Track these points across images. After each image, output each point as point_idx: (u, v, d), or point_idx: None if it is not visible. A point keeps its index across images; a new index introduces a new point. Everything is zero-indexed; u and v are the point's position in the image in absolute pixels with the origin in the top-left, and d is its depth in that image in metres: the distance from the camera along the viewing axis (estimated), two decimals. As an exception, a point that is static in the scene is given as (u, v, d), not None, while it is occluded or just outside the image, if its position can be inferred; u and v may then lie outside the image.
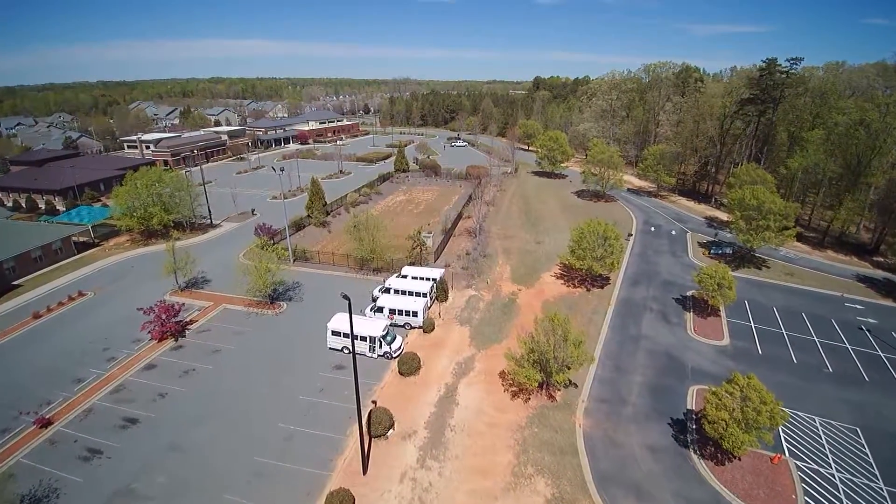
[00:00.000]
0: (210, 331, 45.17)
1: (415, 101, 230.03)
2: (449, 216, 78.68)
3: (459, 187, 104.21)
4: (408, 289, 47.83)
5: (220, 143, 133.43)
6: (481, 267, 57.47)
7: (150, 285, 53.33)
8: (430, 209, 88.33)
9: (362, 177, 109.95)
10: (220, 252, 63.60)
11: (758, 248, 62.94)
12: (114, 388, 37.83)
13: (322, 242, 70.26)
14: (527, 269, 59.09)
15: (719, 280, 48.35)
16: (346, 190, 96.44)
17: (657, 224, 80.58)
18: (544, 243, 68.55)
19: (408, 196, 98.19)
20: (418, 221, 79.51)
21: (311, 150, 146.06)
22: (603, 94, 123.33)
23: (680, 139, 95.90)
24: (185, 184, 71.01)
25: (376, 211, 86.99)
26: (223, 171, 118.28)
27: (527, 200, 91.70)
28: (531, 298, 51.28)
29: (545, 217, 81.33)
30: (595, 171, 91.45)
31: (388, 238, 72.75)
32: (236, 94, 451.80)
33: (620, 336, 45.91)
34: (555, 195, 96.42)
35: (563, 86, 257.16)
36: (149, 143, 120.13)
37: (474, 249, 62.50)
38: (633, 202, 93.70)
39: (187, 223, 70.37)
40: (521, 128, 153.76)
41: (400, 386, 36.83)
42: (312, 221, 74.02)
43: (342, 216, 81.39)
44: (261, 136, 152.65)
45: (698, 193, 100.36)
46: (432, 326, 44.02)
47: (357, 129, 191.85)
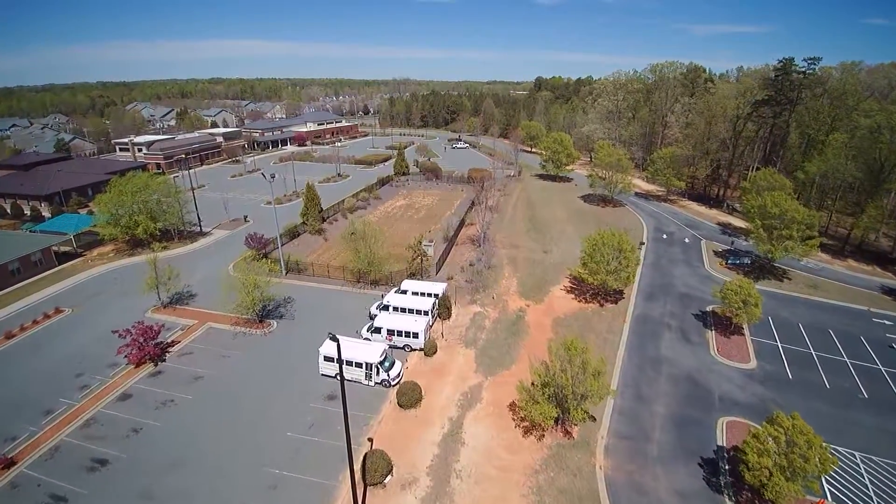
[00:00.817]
0: (193, 354, 41.56)
1: (415, 101, 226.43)
2: (451, 223, 75.12)
3: (461, 191, 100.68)
4: (408, 306, 44.25)
5: (214, 145, 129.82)
6: (486, 280, 53.88)
7: (132, 300, 49.72)
8: (431, 215, 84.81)
9: (361, 180, 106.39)
10: (209, 263, 60.01)
11: (780, 259, 59.34)
12: (84, 422, 34.26)
13: (318, 251, 66.73)
14: (535, 281, 55.48)
15: (745, 297, 44.75)
16: (343, 194, 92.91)
17: (669, 231, 76.98)
18: (552, 252, 64.94)
19: (408, 201, 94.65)
20: (419, 228, 75.96)
21: (308, 152, 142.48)
22: (608, 95, 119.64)
23: (690, 141, 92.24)
24: (173, 190, 67.42)
25: (375, 217, 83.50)
26: (217, 174, 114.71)
27: (532, 205, 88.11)
28: (541, 315, 47.64)
29: (552, 224, 77.73)
30: (602, 174, 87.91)
31: (388, 247, 69.17)
32: (235, 95, 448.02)
33: (639, 358, 42.30)
34: (561, 200, 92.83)
35: (566, 86, 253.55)
36: (141, 145, 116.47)
37: (478, 260, 58.93)
38: (642, 207, 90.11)
39: (175, 232, 66.76)
40: (524, 129, 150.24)
41: (399, 421, 33.22)
42: (308, 229, 70.46)
43: (339, 223, 77.88)
44: (257, 138, 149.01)
45: (709, 198, 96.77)
46: (434, 349, 40.43)
47: (356, 131, 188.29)
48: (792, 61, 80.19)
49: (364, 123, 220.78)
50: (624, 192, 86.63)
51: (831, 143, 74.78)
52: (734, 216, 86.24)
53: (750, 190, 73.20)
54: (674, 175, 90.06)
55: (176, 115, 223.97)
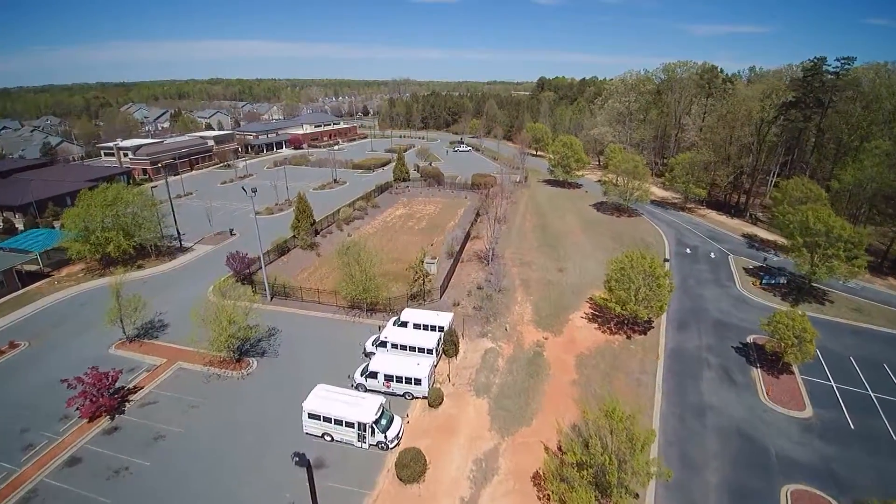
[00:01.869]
0: (157, 403, 35.49)
1: (415, 102, 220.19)
2: (455, 236, 69.07)
3: (465, 199, 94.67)
4: (408, 343, 38.23)
5: (205, 149, 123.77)
6: (497, 306, 47.81)
7: (96, 333, 43.64)
8: (434, 225, 78.83)
9: (358, 186, 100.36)
10: (187, 285, 53.95)
11: (823, 280, 53.29)
12: (22, 498, 28.27)
13: (309, 269, 60.76)
14: (551, 307, 49.40)
15: (799, 331, 38.75)
16: (339, 202, 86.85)
17: (692, 244, 70.89)
18: (568, 271, 58.88)
19: (408, 209, 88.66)
20: (420, 241, 70.02)
21: (304, 155, 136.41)
22: (619, 96, 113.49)
23: (710, 146, 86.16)
24: (150, 201, 61.39)
25: (373, 228, 77.53)
26: (207, 180, 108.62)
27: (542, 215, 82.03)
28: (561, 351, 41.57)
29: (565, 236, 71.66)
30: (617, 181, 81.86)
31: (386, 263, 63.22)
32: (233, 96, 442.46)
33: (679, 406, 36.27)
34: (572, 209, 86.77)
35: (569, 86, 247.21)
36: (126, 150, 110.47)
37: (487, 282, 52.88)
38: (658, 217, 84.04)
39: (152, 248, 60.70)
40: (529, 131, 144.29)
41: (399, 501, 27.13)
42: (299, 243, 64.42)
43: (334, 235, 71.85)
44: (251, 142, 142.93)
45: (729, 206, 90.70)
46: (440, 398, 34.36)
47: (355, 133, 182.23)
48: (824, 61, 74.14)
49: (363, 125, 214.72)
50: (640, 201, 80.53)
51: (868, 150, 68.78)
52: (759, 227, 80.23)
53: (781, 200, 67.17)
54: (693, 182, 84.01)
55: (170, 116, 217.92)
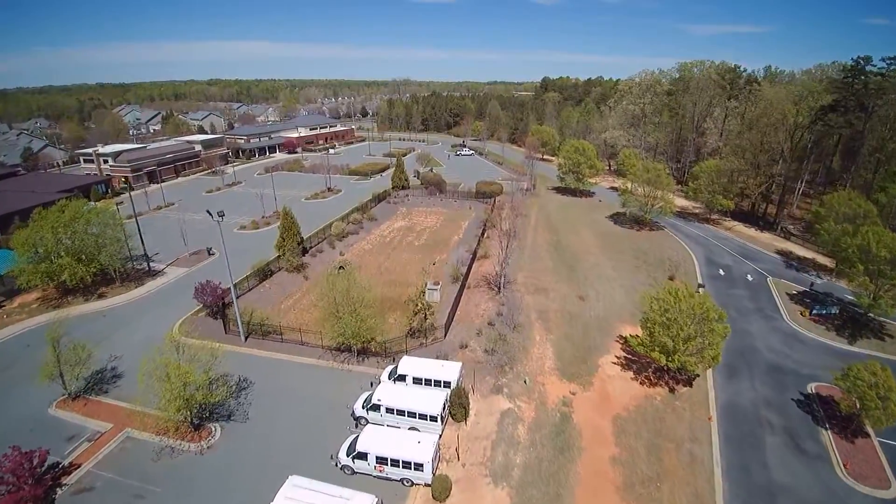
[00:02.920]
0: (93, 491, 28.24)
1: (415, 103, 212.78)
2: (460, 255, 61.94)
3: (469, 209, 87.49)
4: (407, 408, 31.06)
5: (192, 154, 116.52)
6: (512, 348, 40.58)
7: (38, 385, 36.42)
8: (436, 240, 71.64)
9: (354, 195, 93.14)
10: (150, 320, 46.70)
11: (891, 315, 46.09)
12: None
13: (296, 295, 53.64)
14: (576, 348, 42.19)
15: (884, 391, 31.59)
16: (332, 214, 79.79)
17: (724, 264, 63.67)
18: (590, 299, 51.65)
19: (407, 221, 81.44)
20: (420, 259, 62.97)
21: (298, 160, 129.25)
22: (633, 98, 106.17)
23: (737, 153, 78.91)
24: (116, 219, 54.19)
25: (369, 244, 70.32)
26: (192, 188, 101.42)
27: (554, 229, 74.79)
28: (594, 412, 34.32)
29: (582, 255, 64.41)
30: (638, 190, 74.60)
31: (384, 285, 56.13)
32: (231, 97, 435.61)
33: (745, 490, 29.06)
34: (587, 221, 79.53)
35: (574, 87, 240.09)
36: (107, 156, 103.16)
37: (499, 315, 45.66)
38: (682, 230, 76.80)
39: (117, 273, 53.47)
40: (535, 134, 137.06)
41: None
42: (284, 265, 57.25)
43: (325, 253, 64.68)
44: (242, 146, 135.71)
45: (757, 217, 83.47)
46: (447, 489, 27.07)
47: (352, 136, 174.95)
48: (868, 60, 66.92)
49: (361, 127, 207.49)
50: (663, 214, 73.25)
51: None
52: (793, 242, 73.06)
53: (826, 216, 60.01)
54: (720, 192, 76.75)
55: (161, 118, 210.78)
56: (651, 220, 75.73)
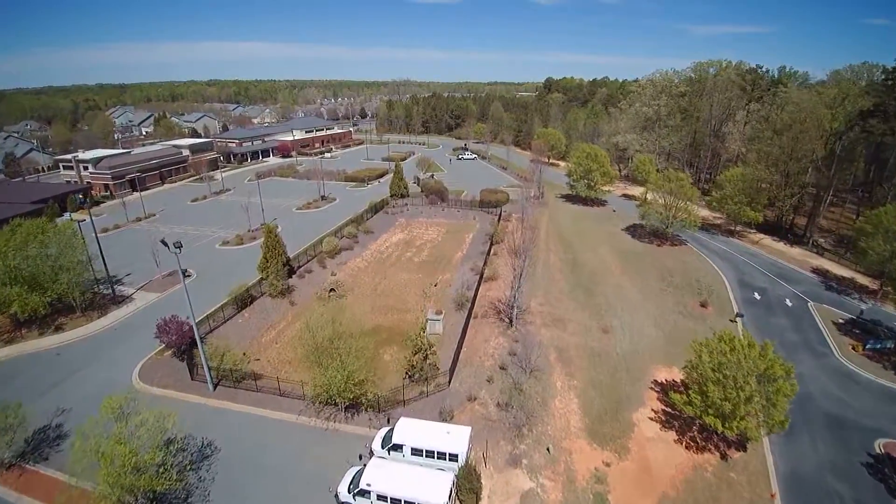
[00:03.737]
0: None
1: (415, 104, 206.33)
2: (464, 277, 55.65)
3: (473, 220, 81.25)
4: (405, 497, 24.72)
5: (179, 159, 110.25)
6: (529, 401, 34.26)
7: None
8: (437, 257, 65.45)
9: (350, 204, 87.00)
10: (109, 360, 40.36)
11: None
12: None
13: (279, 325, 47.44)
14: (604, 398, 35.85)
15: None
16: (325, 226, 73.55)
17: (758, 285, 57.34)
18: (615, 332, 45.32)
19: (407, 234, 75.19)
20: (421, 279, 56.86)
21: (292, 165, 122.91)
22: (648, 99, 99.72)
23: (765, 160, 72.58)
24: (77, 239, 47.89)
25: (364, 262, 64.06)
26: (178, 196, 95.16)
27: (568, 244, 68.45)
28: (635, 491, 27.92)
29: (601, 276, 58.06)
30: (659, 201, 68.30)
31: (379, 312, 49.95)
32: (229, 98, 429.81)
33: None
34: (602, 235, 73.16)
35: (579, 88, 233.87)
36: (86, 163, 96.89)
37: (512, 356, 39.35)
38: (706, 245, 70.46)
39: (77, 302, 47.10)
40: (540, 137, 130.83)
41: None
42: (267, 290, 50.95)
43: (315, 273, 58.38)
44: (234, 150, 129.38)
45: (783, 230, 77.09)
46: None
47: (350, 139, 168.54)
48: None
49: (360, 129, 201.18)
50: (687, 228, 66.85)
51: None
52: (827, 259, 66.76)
53: (872, 233, 53.70)
54: (747, 203, 70.38)
55: (153, 120, 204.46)
56: (672, 234, 69.36)
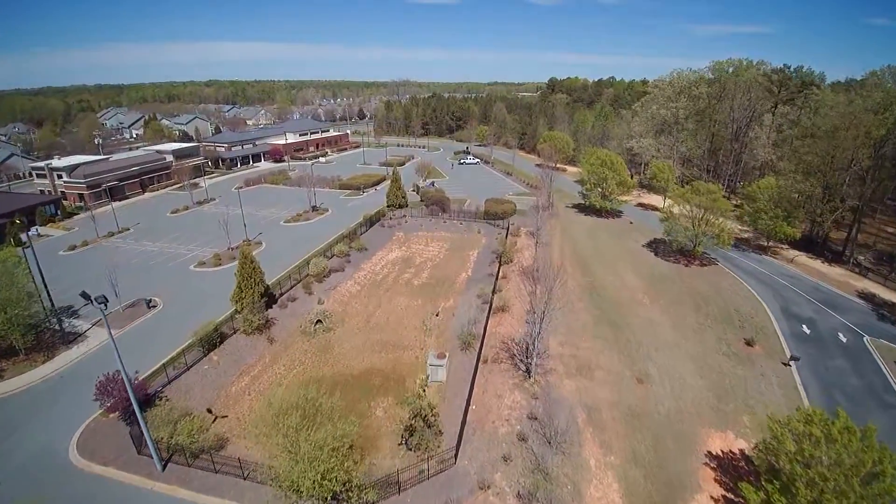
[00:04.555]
0: None
1: (415, 105, 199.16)
2: (471, 306, 48.54)
3: (478, 233, 74.20)
4: None
5: (162, 165, 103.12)
6: (558, 492, 27.03)
7: None
8: (439, 278, 58.38)
9: (343, 216, 79.96)
10: (46, 421, 33.09)
11: None
12: None
13: (254, 369, 40.33)
14: (651, 481, 28.61)
15: None
16: (315, 241, 66.68)
17: (804, 316, 50.08)
18: (653, 381, 38.10)
19: (405, 251, 68.06)
20: (420, 306, 49.80)
21: (284, 171, 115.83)
22: (666, 101, 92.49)
23: (801, 169, 65.48)
24: (20, 273, 40.72)
25: (356, 285, 56.86)
26: (157, 207, 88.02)
27: (586, 266, 61.24)
28: None
29: (627, 305, 50.82)
30: (686, 215, 61.19)
31: (372, 351, 42.85)
32: (226, 99, 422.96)
33: None
34: (622, 253, 65.89)
35: (583, 88, 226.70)
36: (60, 171, 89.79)
37: (531, 418, 32.15)
38: (738, 263, 63.24)
39: (20, 344, 39.84)
40: (547, 140, 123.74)
41: None
42: (241, 326, 43.76)
43: (299, 302, 51.10)
44: (222, 154, 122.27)
45: (817, 245, 69.83)
46: None
47: (346, 142, 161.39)
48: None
49: (357, 132, 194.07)
50: (719, 246, 59.63)
51: None
52: (871, 280, 59.54)
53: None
54: (784, 218, 63.24)
55: (143, 122, 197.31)
56: (703, 252, 62.16)
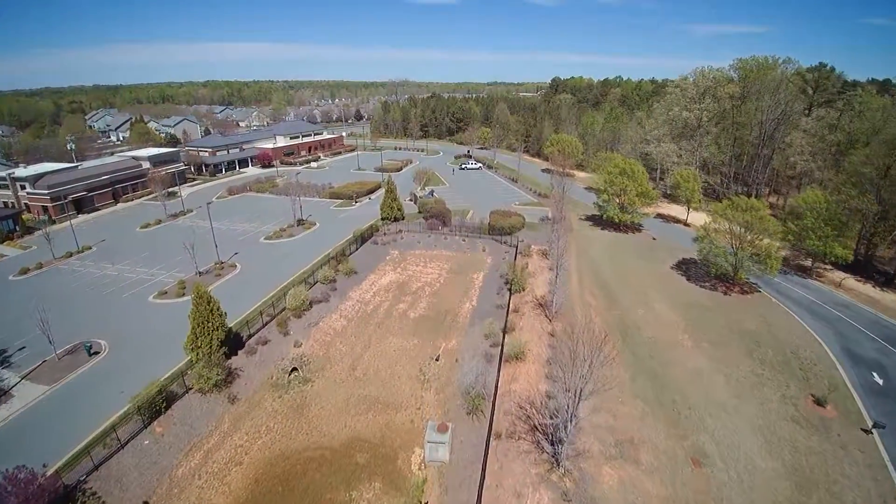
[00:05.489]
0: None
1: (413, 106, 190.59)
2: (477, 353, 40.12)
3: (482, 251, 66.05)
4: None
5: (138, 173, 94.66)
6: None
7: None
8: (439, 310, 50.16)
9: (332, 231, 71.56)
10: None
11: None
12: None
13: (208, 442, 32.15)
14: None
15: None
16: (297, 263, 58.42)
17: (870, 358, 41.50)
18: (712, 463, 29.62)
19: (400, 273, 59.79)
20: (417, 346, 41.43)
21: (271, 178, 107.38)
22: (689, 103, 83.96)
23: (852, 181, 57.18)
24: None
25: (342, 318, 48.43)
26: (126, 221, 79.47)
27: (611, 294, 52.71)
28: None
29: (666, 349, 42.27)
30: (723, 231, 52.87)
31: (359, 411, 34.62)
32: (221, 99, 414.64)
33: None
34: (651, 277, 57.26)
35: (588, 88, 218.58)
36: (24, 180, 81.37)
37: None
38: (783, 291, 54.70)
39: None
40: (554, 144, 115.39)
41: None
42: (193, 384, 35.33)
43: (271, 346, 42.65)
44: (206, 160, 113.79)
45: (867, 267, 61.36)
46: None
47: (341, 145, 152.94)
48: None
49: (353, 134, 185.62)
50: (767, 273, 51.09)
51: None
52: (940, 309, 51.17)
53: None
54: (834, 236, 54.88)
55: (130, 125, 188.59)
56: (745, 279, 53.66)
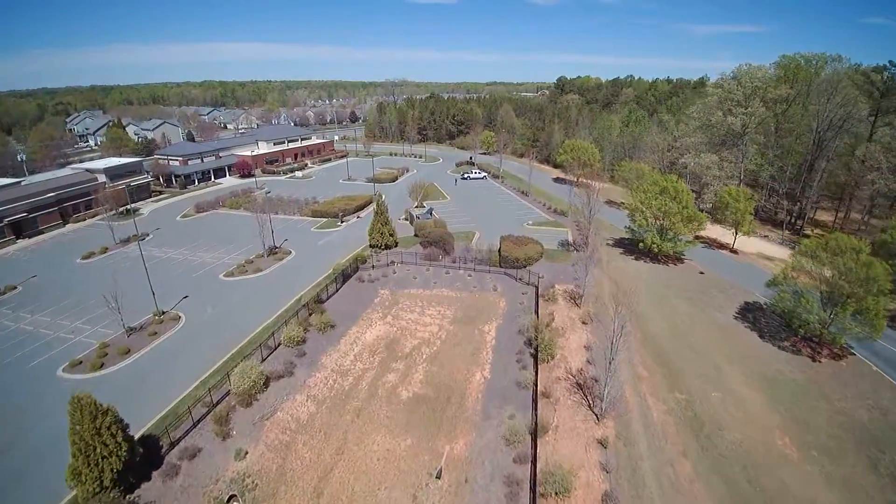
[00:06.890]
0: None
1: (411, 108, 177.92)
2: (494, 470, 27.69)
3: (494, 291, 53.43)
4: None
5: (92, 189, 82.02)
6: None
7: None
8: (441, 385, 37.45)
9: (309, 262, 59.16)
10: None
11: None
12: None
13: None
14: None
15: None
16: (258, 314, 45.67)
17: None
18: None
19: (390, 325, 46.97)
20: (411, 447, 28.84)
21: (250, 189, 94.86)
22: (735, 106, 71.28)
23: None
24: None
25: (307, 402, 35.26)
26: (67, 249, 66.94)
27: (667, 361, 40.28)
28: None
29: (763, 463, 29.89)
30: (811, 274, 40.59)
31: None
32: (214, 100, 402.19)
33: None
34: (713, 334, 44.71)
35: (597, 88, 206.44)
36: (-50, 198, 69.06)
37: None
38: (881, 354, 42.45)
39: None
40: (567, 151, 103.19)
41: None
42: (71, 545, 22.87)
43: (206, 455, 30.05)
44: (176, 170, 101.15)
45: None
46: None
47: (331, 151, 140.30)
48: None
49: (346, 138, 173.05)
50: (871, 335, 38.69)
51: None
52: None
53: None
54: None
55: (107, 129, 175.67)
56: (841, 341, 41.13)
